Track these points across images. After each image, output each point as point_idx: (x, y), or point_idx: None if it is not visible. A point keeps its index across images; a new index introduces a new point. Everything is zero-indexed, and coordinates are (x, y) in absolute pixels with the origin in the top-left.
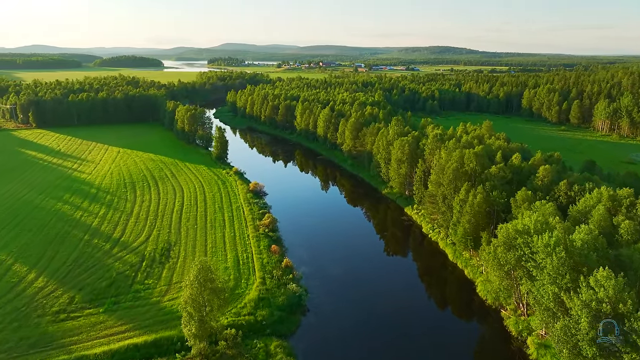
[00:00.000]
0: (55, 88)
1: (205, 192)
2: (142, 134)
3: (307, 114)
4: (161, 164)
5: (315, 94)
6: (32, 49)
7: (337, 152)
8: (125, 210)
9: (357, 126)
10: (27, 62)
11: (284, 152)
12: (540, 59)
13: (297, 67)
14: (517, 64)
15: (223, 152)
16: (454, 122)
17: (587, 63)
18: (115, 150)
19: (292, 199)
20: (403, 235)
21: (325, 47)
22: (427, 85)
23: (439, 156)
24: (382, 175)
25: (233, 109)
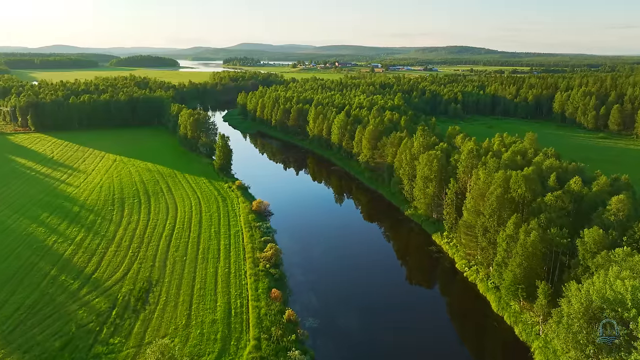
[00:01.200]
0: (58, 89)
1: (202, 211)
2: (144, 139)
3: (321, 119)
4: (158, 176)
5: (330, 97)
6: (53, 49)
7: (353, 163)
8: (106, 235)
9: (375, 135)
10: (45, 62)
11: (295, 160)
12: (562, 59)
13: (313, 67)
14: (539, 65)
15: (226, 162)
16: (480, 127)
17: (612, 63)
18: (112, 158)
19: (301, 218)
20: (430, 268)
21: (341, 47)
22: (449, 87)
23: (477, 177)
24: (404, 193)
25: (243, 111)
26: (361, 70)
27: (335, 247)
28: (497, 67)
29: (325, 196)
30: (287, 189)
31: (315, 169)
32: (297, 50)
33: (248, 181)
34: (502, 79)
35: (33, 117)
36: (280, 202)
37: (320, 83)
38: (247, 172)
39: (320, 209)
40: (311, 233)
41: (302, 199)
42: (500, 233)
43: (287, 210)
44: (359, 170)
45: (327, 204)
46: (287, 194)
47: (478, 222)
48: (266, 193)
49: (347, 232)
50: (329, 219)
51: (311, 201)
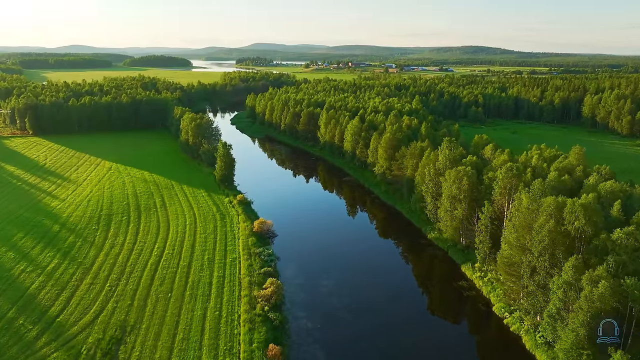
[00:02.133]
0: (60, 90)
1: (197, 232)
2: (145, 144)
3: (333, 125)
4: (153, 187)
5: (343, 100)
6: (70, 49)
7: (368, 174)
8: (84, 262)
9: (393, 144)
10: (59, 61)
11: (305, 168)
12: (581, 60)
13: (326, 67)
14: (557, 65)
15: (228, 173)
16: (503, 132)
17: (635, 64)
18: (107, 166)
19: (307, 239)
20: (459, 306)
21: (355, 47)
22: (468, 88)
23: (519, 202)
24: (427, 213)
25: (252, 114)
26: (375, 70)
27: (347, 278)
28: (514, 68)
29: (336, 212)
30: (293, 202)
31: (326, 178)
32: (310, 50)
33: (252, 193)
34: (524, 80)
35: (31, 120)
36: (286, 219)
37: (333, 84)
38: (251, 182)
39: (331, 227)
40: (319, 259)
41: (310, 215)
42: (555, 278)
43: (293, 229)
44: (374, 182)
45: (338, 222)
46: (293, 208)
47: (524, 260)
48: (271, 208)
49: (361, 257)
50: (340, 242)
51: (320, 218)
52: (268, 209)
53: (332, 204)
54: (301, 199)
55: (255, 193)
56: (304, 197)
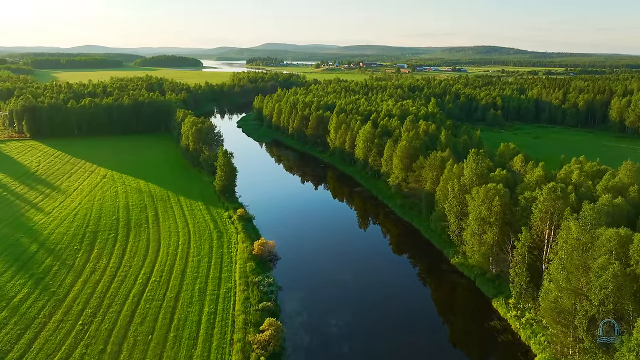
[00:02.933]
0: (62, 91)
1: (190, 254)
2: (146, 148)
3: (343, 130)
4: (147, 199)
5: (354, 102)
6: (84, 49)
7: (381, 184)
8: (57, 292)
9: (409, 152)
10: (71, 62)
11: (313, 176)
12: (597, 59)
13: (337, 67)
14: (573, 65)
15: (229, 183)
16: (524, 137)
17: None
18: (102, 174)
19: (314, 261)
20: (488, 349)
21: (366, 46)
22: (485, 90)
23: (567, 231)
24: (449, 234)
25: (259, 117)
26: (386, 70)
27: (359, 311)
28: (529, 68)
29: (346, 227)
30: (299, 216)
31: (336, 188)
32: (321, 50)
33: (254, 206)
34: (543, 81)
35: (29, 123)
36: (290, 236)
37: (344, 85)
38: (255, 192)
39: (341, 246)
40: (325, 284)
41: (317, 230)
42: (624, 338)
43: (297, 249)
44: (388, 194)
45: (348, 239)
46: (298, 223)
47: (579, 308)
48: (274, 223)
49: (375, 282)
50: (351, 262)
51: (328, 234)
52: (271, 224)
53: (342, 217)
54: (308, 212)
55: (258, 205)
56: (310, 209)
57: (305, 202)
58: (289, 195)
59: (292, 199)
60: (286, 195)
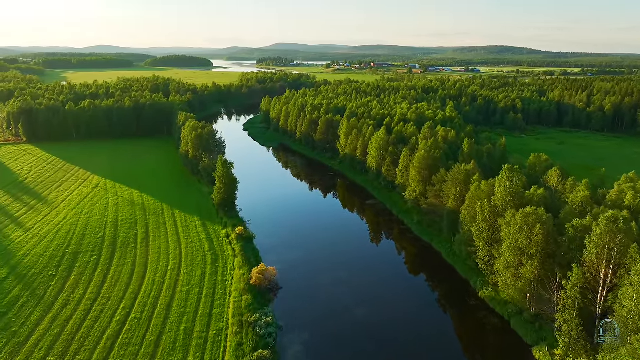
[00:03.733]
0: (62, 92)
1: (179, 282)
2: (145, 153)
3: (355, 135)
4: (139, 213)
5: (366, 105)
6: (97, 49)
7: (396, 197)
8: (19, 333)
9: (428, 163)
10: (82, 62)
11: (321, 185)
12: (614, 60)
13: (347, 67)
14: (589, 65)
15: (228, 196)
16: (548, 143)
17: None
18: (95, 183)
19: (320, 285)
20: None
21: (377, 46)
22: (503, 91)
23: (638, 276)
24: (477, 261)
25: (266, 119)
26: (398, 71)
27: (376, 355)
28: (544, 68)
29: (358, 247)
30: (304, 231)
31: (346, 198)
32: (331, 50)
33: (256, 221)
34: (564, 82)
35: (25, 125)
36: (294, 257)
37: (355, 86)
38: (257, 204)
39: (350, 268)
40: (334, 318)
41: (324, 249)
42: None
43: (302, 273)
44: (404, 209)
45: (360, 262)
46: (304, 239)
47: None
48: (277, 241)
49: (392, 315)
50: (364, 290)
51: (337, 254)
52: (273, 242)
53: (352, 234)
54: (314, 228)
55: (260, 220)
56: (317, 224)
57: (312, 216)
58: (294, 208)
59: (297, 212)
60: (291, 207)
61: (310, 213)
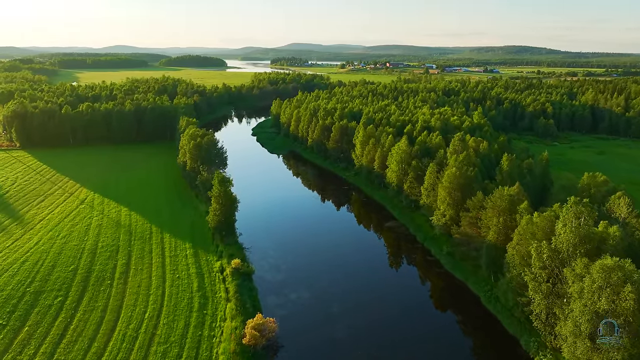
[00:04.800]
0: (63, 94)
1: (155, 339)
2: (144, 161)
3: (372, 145)
4: (124, 237)
5: (383, 110)
6: (114, 49)
7: (420, 219)
8: None
9: (460, 183)
10: (96, 62)
11: (334, 199)
12: (637, 60)
13: (362, 67)
14: (612, 65)
15: (226, 219)
16: (585, 153)
17: None
18: (82, 197)
19: (330, 336)
20: None
21: (392, 46)
22: (529, 94)
23: None
24: (531, 317)
25: (276, 124)
26: (414, 71)
27: None
28: (566, 69)
29: (375, 280)
30: (314, 262)
31: (362, 216)
32: (346, 50)
33: (257, 245)
34: (597, 85)
35: (18, 130)
36: (300, 301)
37: (370, 88)
38: (260, 222)
39: (368, 309)
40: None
41: (338, 287)
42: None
43: (311, 325)
44: (431, 235)
45: (379, 302)
46: (313, 274)
47: None
48: (281, 278)
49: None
50: (387, 343)
51: (352, 294)
52: (275, 278)
53: (369, 263)
54: (324, 255)
55: (262, 244)
56: (329, 251)
57: (322, 239)
58: (302, 229)
59: (305, 234)
60: (299, 228)
61: (320, 235)
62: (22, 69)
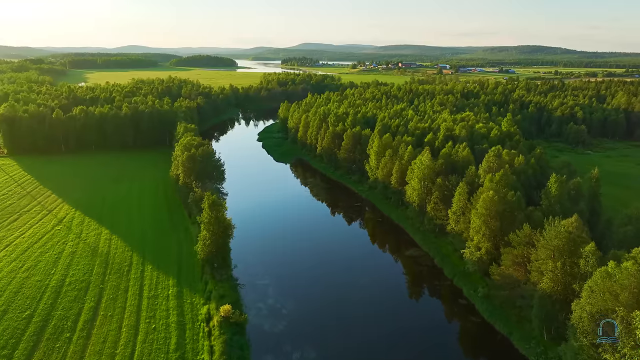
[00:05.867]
0: (59, 96)
1: None
2: (137, 171)
3: (389, 157)
4: (98, 270)
5: (400, 115)
6: (127, 49)
7: (447, 248)
8: None
9: (498, 210)
10: (106, 62)
11: (346, 216)
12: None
13: (374, 68)
14: (633, 65)
15: (218, 249)
16: (625, 164)
17: None
18: (61, 215)
19: None
20: None
21: (403, 46)
22: (554, 96)
23: None
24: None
25: (283, 128)
26: (427, 71)
27: None
28: (585, 69)
29: (401, 336)
30: (323, 304)
31: (377, 239)
32: (357, 50)
33: (255, 278)
34: (627, 87)
35: (5, 136)
36: (299, 348)
37: (384, 90)
38: (258, 247)
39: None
40: None
41: (353, 337)
42: None
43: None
44: (462, 271)
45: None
46: (321, 324)
47: None
48: (280, 327)
49: None
50: None
51: (370, 353)
52: (273, 327)
53: (392, 311)
54: (335, 293)
55: (260, 281)
56: (339, 288)
57: (330, 269)
58: (308, 257)
59: (312, 264)
60: (305, 256)
61: (329, 264)
62: (30, 69)
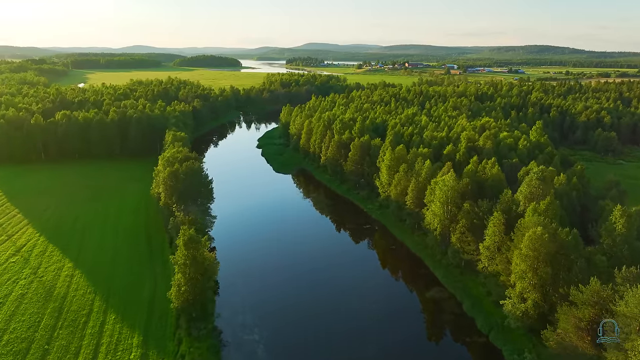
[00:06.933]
0: (46, 99)
1: None
2: (118, 186)
3: (403, 173)
4: (48, 321)
5: (411, 120)
6: (132, 49)
7: (479, 290)
8: None
9: (549, 252)
10: (109, 62)
11: (354, 242)
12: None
13: (380, 68)
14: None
15: (195, 298)
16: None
17: None
18: (21, 242)
19: None
20: None
21: (409, 46)
22: (576, 99)
23: None
24: None
25: (285, 134)
26: (435, 72)
27: None
28: (597, 69)
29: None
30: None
31: (391, 272)
32: (363, 50)
33: (240, 341)
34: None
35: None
36: None
37: (392, 92)
38: (247, 286)
39: None
40: None
41: None
42: None
43: None
44: (500, 324)
45: None
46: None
47: None
48: None
49: None
50: None
51: None
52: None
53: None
54: (343, 348)
55: (247, 336)
56: (348, 341)
57: (337, 317)
58: (308, 298)
59: (313, 310)
60: (304, 296)
61: (335, 311)
62: (29, 69)
